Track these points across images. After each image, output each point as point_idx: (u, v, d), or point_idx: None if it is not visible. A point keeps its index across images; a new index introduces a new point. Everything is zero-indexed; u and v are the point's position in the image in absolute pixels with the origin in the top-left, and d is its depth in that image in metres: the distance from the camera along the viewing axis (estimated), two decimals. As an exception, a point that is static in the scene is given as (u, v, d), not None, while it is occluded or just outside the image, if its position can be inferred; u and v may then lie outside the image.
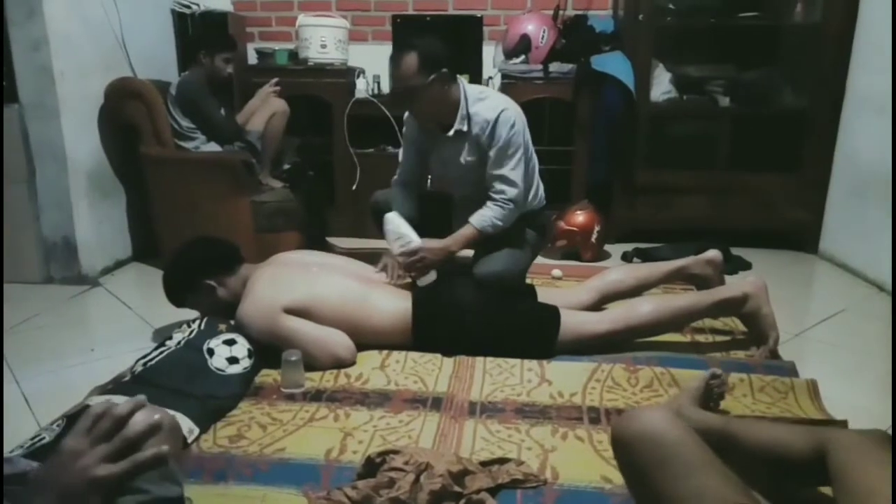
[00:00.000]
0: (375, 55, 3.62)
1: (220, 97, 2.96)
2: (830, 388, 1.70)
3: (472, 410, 1.63)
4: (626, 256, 3.12)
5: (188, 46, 3.25)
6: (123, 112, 2.79)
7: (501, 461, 1.37)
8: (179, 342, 1.73)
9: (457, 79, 2.18)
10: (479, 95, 2.20)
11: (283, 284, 1.87)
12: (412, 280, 2.13)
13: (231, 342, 1.77)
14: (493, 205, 2.15)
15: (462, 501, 1.22)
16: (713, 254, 2.18)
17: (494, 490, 1.28)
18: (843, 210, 3.07)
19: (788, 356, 1.93)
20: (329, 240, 3.13)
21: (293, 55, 3.51)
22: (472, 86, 2.25)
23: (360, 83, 3.44)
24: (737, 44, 3.26)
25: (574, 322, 1.92)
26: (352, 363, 1.86)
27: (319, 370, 1.82)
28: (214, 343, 1.74)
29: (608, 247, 3.20)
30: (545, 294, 2.12)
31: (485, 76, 3.49)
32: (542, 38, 3.28)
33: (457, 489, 1.23)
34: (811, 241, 3.23)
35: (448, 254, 2.15)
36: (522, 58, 3.29)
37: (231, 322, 1.85)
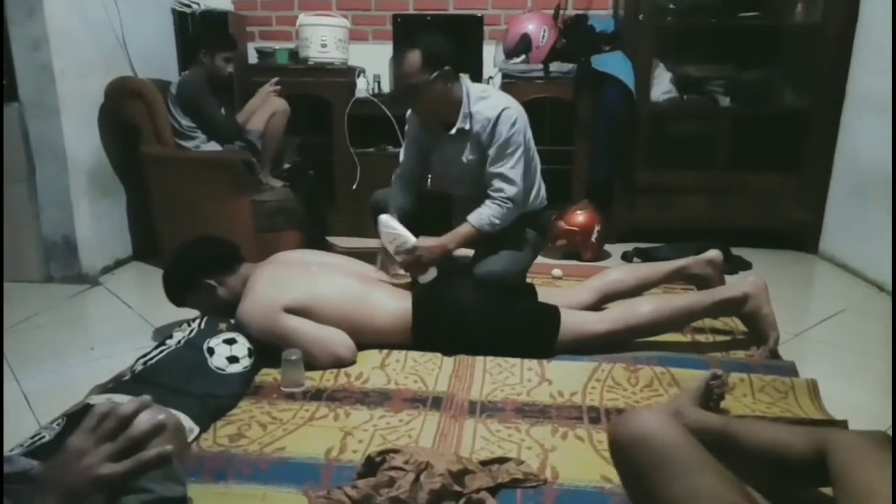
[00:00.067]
0: (376, 55, 3.64)
1: (221, 96, 2.96)
2: (830, 388, 1.70)
3: (472, 410, 1.63)
4: (627, 256, 3.12)
5: (188, 45, 3.25)
6: (124, 111, 2.79)
7: (501, 460, 1.37)
8: (179, 341, 1.73)
9: (459, 77, 2.18)
10: (482, 94, 2.19)
11: (284, 284, 1.87)
12: (412, 279, 2.13)
13: (231, 341, 1.77)
14: (492, 203, 2.15)
15: (462, 501, 1.22)
16: (713, 254, 2.18)
17: (494, 489, 1.28)
18: (844, 210, 3.07)
19: (788, 356, 1.93)
20: (329, 239, 3.13)
21: (293, 54, 3.51)
22: (475, 84, 2.24)
23: (361, 82, 3.44)
24: (737, 44, 3.26)
25: (574, 322, 1.92)
26: (352, 362, 1.87)
27: (319, 369, 1.82)
28: (214, 342, 1.74)
29: (608, 246, 3.20)
30: (545, 294, 2.12)
31: (485, 76, 3.49)
32: (543, 38, 3.28)
33: (457, 488, 1.23)
34: (811, 241, 3.23)
35: (445, 252, 2.15)
36: (523, 57, 3.29)
37: (231, 321, 1.85)
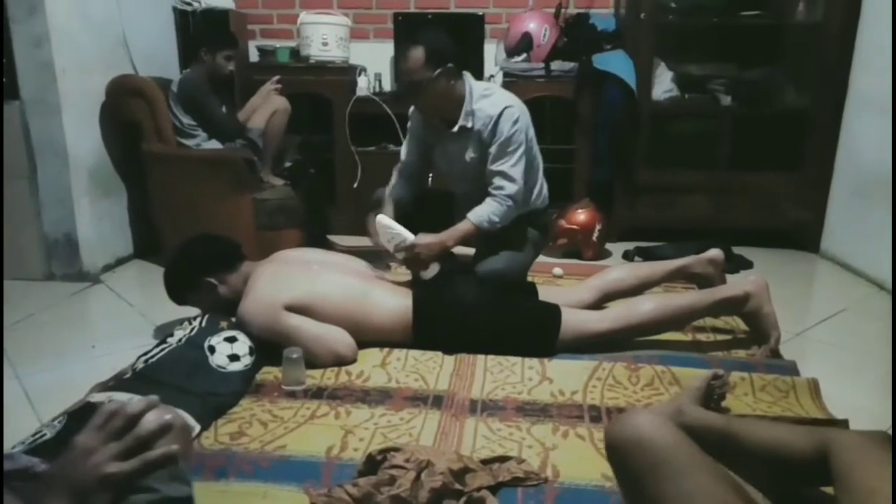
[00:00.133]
0: (377, 53, 3.64)
1: (222, 95, 2.96)
2: (831, 388, 1.70)
3: (473, 408, 1.63)
4: (628, 255, 3.11)
5: (190, 44, 3.25)
6: (125, 109, 2.79)
7: (502, 459, 1.37)
8: (180, 339, 1.73)
9: (463, 74, 2.18)
10: (484, 92, 2.19)
11: (284, 282, 1.87)
12: (413, 276, 2.13)
13: (232, 339, 1.77)
14: (492, 201, 2.15)
15: (463, 499, 1.23)
16: (715, 253, 2.18)
17: (495, 488, 1.28)
18: (845, 209, 3.07)
19: (789, 355, 1.93)
20: (330, 238, 3.13)
21: (294, 53, 3.51)
22: (478, 82, 2.24)
23: (362, 81, 3.43)
24: (739, 42, 3.26)
25: (575, 320, 1.92)
26: (353, 361, 1.87)
27: (320, 368, 1.82)
28: (215, 340, 1.74)
29: (609, 245, 3.20)
30: (546, 292, 2.12)
31: (486, 74, 3.48)
32: (544, 37, 3.27)
33: (458, 487, 1.23)
34: (812, 241, 3.22)
35: (444, 248, 2.15)
36: (524, 56, 3.29)
37: (232, 319, 1.85)
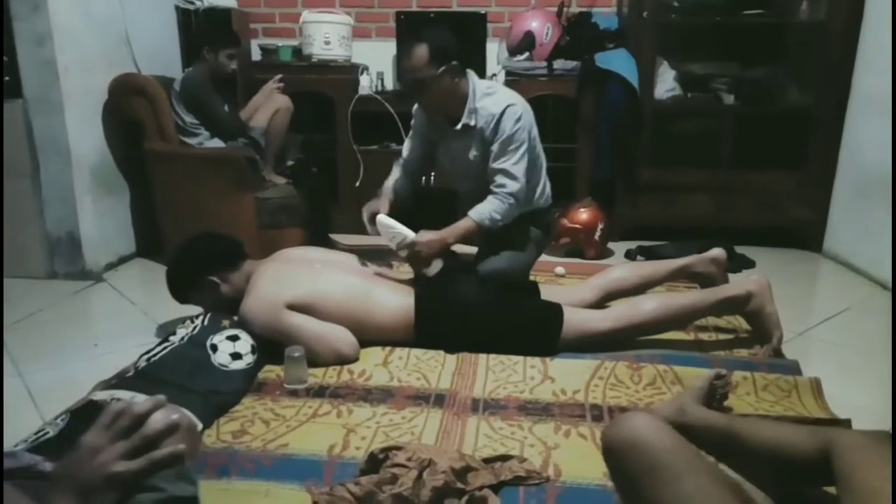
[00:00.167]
0: (379, 52, 3.63)
1: (224, 93, 2.96)
2: (834, 387, 1.70)
3: (475, 407, 1.63)
4: (630, 254, 3.11)
5: (192, 42, 3.25)
6: (127, 108, 2.79)
7: (504, 458, 1.37)
8: (183, 338, 1.74)
9: (467, 72, 2.18)
10: (487, 90, 2.19)
11: (286, 281, 1.87)
12: (415, 273, 2.13)
13: (234, 338, 1.77)
14: (493, 198, 2.15)
15: (465, 498, 1.23)
16: (717, 252, 2.18)
17: (497, 487, 1.28)
18: (848, 209, 3.06)
19: (792, 355, 1.93)
20: (332, 236, 3.14)
21: (297, 51, 3.51)
22: (482, 81, 2.24)
23: (364, 80, 3.43)
24: (741, 41, 3.25)
25: (577, 320, 1.91)
26: (354, 359, 1.87)
27: (322, 366, 1.82)
28: (218, 339, 1.74)
29: (611, 244, 3.19)
30: (548, 291, 2.12)
31: (488, 73, 3.48)
32: (546, 35, 3.27)
33: (459, 486, 1.23)
34: (815, 240, 3.22)
35: (444, 245, 2.15)
36: (526, 55, 3.28)
37: (234, 318, 1.85)
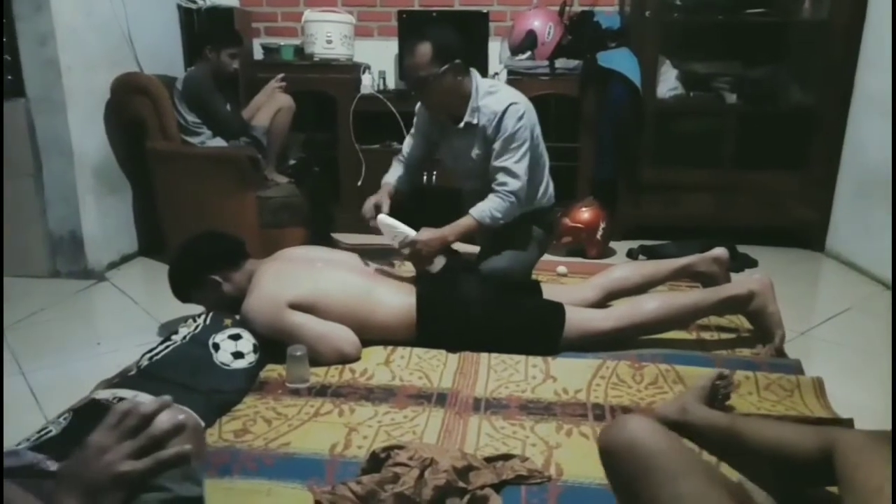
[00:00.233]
0: (381, 51, 3.64)
1: (226, 93, 2.96)
2: (836, 387, 1.70)
3: (477, 406, 1.63)
4: (632, 254, 3.11)
5: (194, 42, 3.26)
6: (130, 107, 2.80)
7: (506, 457, 1.37)
8: (185, 337, 1.74)
9: (470, 71, 2.18)
10: (490, 89, 2.19)
11: (288, 280, 1.87)
12: (417, 272, 2.13)
13: (236, 337, 1.77)
14: (494, 197, 2.15)
15: (466, 497, 1.23)
16: (719, 251, 2.17)
17: (499, 486, 1.28)
18: (850, 208, 3.05)
19: (794, 354, 1.93)
20: (334, 236, 3.14)
21: (299, 50, 3.51)
22: (485, 79, 2.24)
23: (366, 79, 3.43)
24: (744, 40, 3.24)
25: (579, 319, 1.91)
26: (356, 358, 1.87)
27: (324, 365, 1.82)
28: (220, 338, 1.75)
29: (613, 244, 3.19)
30: (550, 291, 2.11)
31: (490, 72, 3.48)
32: (548, 34, 3.27)
33: (461, 485, 1.23)
34: (818, 239, 3.21)
35: (445, 243, 2.15)
36: (528, 54, 3.28)
37: (236, 317, 1.86)
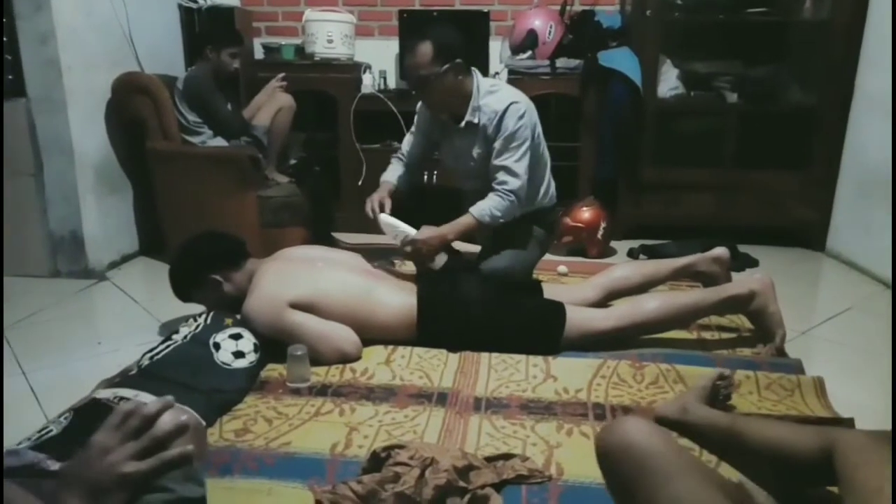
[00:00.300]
0: (382, 50, 3.64)
1: (227, 92, 2.96)
2: (837, 386, 1.70)
3: (478, 406, 1.63)
4: (633, 253, 3.11)
5: (195, 41, 3.26)
6: (130, 106, 2.80)
7: (506, 457, 1.37)
8: (185, 336, 1.74)
9: (471, 70, 2.18)
10: (491, 88, 2.20)
11: (289, 279, 1.87)
12: (417, 270, 2.13)
13: (237, 336, 1.77)
14: (494, 195, 2.15)
15: (467, 496, 1.23)
16: (720, 251, 2.17)
17: (499, 486, 1.28)
18: (851, 208, 3.05)
19: (795, 354, 1.93)
20: (334, 235, 3.14)
21: (299, 50, 3.51)
22: (486, 79, 2.24)
23: (367, 78, 3.43)
24: (745, 40, 3.24)
25: (580, 318, 1.91)
26: (357, 358, 1.87)
27: (325, 365, 1.82)
28: (220, 337, 1.74)
29: (614, 243, 3.19)
30: (551, 290, 2.11)
31: (491, 72, 3.48)
32: (549, 34, 3.27)
33: (462, 484, 1.23)
34: (818, 239, 3.21)
35: (444, 242, 2.15)
36: (529, 53, 3.28)
37: (237, 316, 1.86)
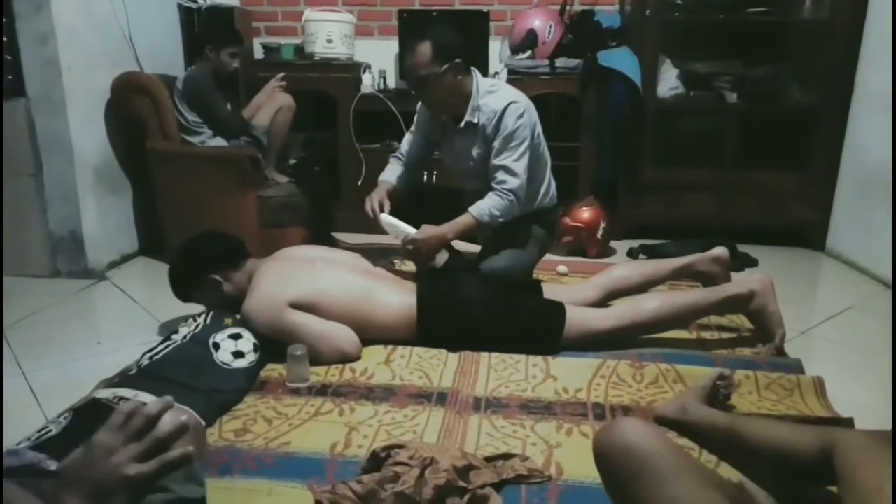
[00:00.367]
0: (381, 50, 3.64)
1: (227, 92, 2.96)
2: (836, 386, 1.70)
3: (477, 406, 1.63)
4: (632, 253, 3.11)
5: (194, 41, 3.26)
6: (130, 106, 2.80)
7: (506, 457, 1.37)
8: (185, 336, 1.74)
9: (471, 70, 2.18)
10: (490, 88, 2.19)
11: (288, 279, 1.87)
12: (417, 270, 2.13)
13: (237, 336, 1.77)
14: (493, 195, 2.15)
15: (467, 496, 1.23)
16: (720, 251, 2.17)
17: (499, 485, 1.28)
18: (851, 207, 3.05)
19: (795, 353, 1.93)
20: (334, 235, 3.14)
21: (299, 50, 3.51)
22: (486, 79, 2.24)
23: (366, 78, 3.43)
24: (745, 40, 3.24)
25: (579, 318, 1.91)
26: (356, 358, 1.87)
27: (324, 365, 1.82)
28: (220, 337, 1.74)
29: (614, 243, 3.19)
30: (551, 290, 2.11)
31: (491, 71, 3.48)
32: (549, 34, 3.27)
33: (461, 484, 1.23)
34: (818, 239, 3.21)
35: (444, 241, 2.15)
36: (529, 53, 3.28)
37: (237, 316, 1.85)
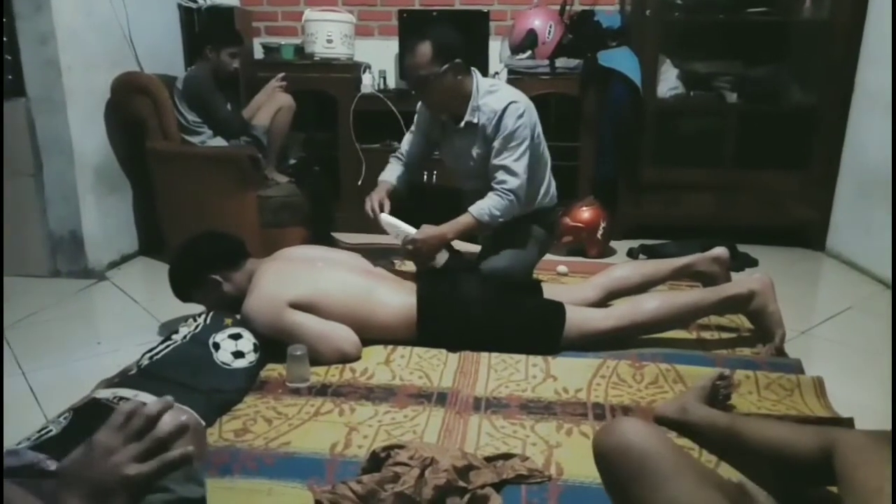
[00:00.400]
0: (381, 50, 3.64)
1: (227, 92, 2.96)
2: (836, 386, 1.70)
3: (477, 406, 1.63)
4: (632, 253, 3.11)
5: (194, 41, 3.26)
6: (130, 106, 2.80)
7: (506, 457, 1.37)
8: (185, 336, 1.74)
9: (471, 70, 2.18)
10: (490, 88, 2.19)
11: (288, 279, 1.87)
12: (417, 269, 2.13)
13: (236, 336, 1.77)
14: (493, 195, 2.15)
15: (467, 496, 1.23)
16: (720, 251, 2.17)
17: (499, 485, 1.28)
18: (851, 207, 3.05)
19: (794, 353, 1.93)
20: (334, 235, 3.14)
21: (299, 50, 3.51)
22: (486, 79, 2.24)
23: (366, 78, 3.43)
24: (745, 40, 3.24)
25: (579, 318, 1.91)
26: (356, 358, 1.87)
27: (324, 365, 1.82)
28: (220, 337, 1.74)
29: (614, 243, 3.19)
30: (551, 290, 2.11)
31: (491, 71, 3.48)
32: (549, 34, 3.27)
33: (461, 484, 1.23)
34: (818, 239, 3.21)
35: (443, 241, 2.15)
36: (529, 53, 3.28)
37: (237, 316, 1.86)
